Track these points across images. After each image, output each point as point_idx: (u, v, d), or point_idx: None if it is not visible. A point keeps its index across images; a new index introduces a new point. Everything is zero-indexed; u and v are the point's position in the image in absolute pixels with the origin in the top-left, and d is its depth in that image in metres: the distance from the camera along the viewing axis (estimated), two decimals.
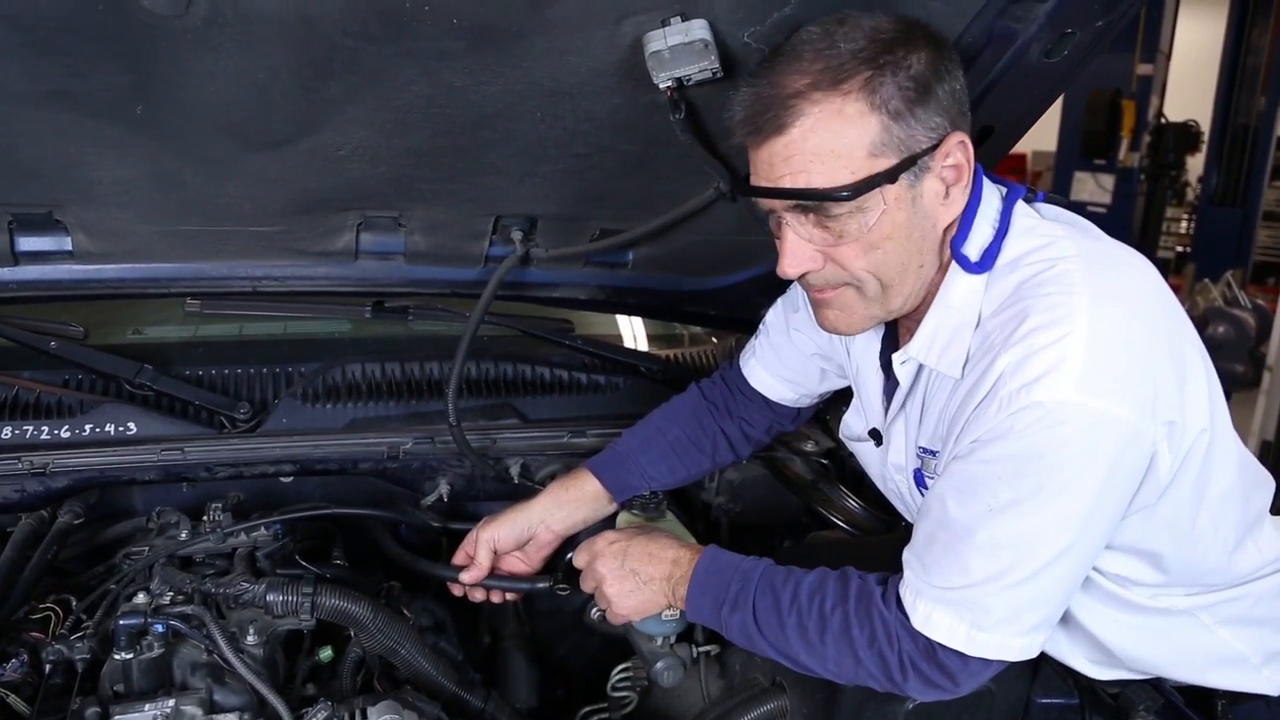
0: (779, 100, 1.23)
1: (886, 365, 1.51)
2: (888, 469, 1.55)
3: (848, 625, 1.33)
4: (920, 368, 1.41)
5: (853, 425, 1.67)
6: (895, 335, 1.50)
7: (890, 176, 1.23)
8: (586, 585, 1.58)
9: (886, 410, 1.53)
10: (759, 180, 1.29)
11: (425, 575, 1.82)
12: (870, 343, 1.56)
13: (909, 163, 1.24)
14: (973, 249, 1.31)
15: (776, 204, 1.30)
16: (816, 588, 1.38)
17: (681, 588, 1.48)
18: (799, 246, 1.31)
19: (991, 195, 1.35)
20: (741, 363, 1.85)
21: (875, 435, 1.58)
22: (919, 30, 1.25)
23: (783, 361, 1.79)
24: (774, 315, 1.80)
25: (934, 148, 1.25)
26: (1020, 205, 1.35)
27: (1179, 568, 1.39)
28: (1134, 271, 1.30)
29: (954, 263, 1.32)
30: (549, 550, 1.79)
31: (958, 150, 1.27)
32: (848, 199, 1.23)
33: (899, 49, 1.22)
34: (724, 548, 2.12)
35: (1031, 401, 1.16)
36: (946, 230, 1.32)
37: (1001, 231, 1.31)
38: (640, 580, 1.52)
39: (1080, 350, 1.16)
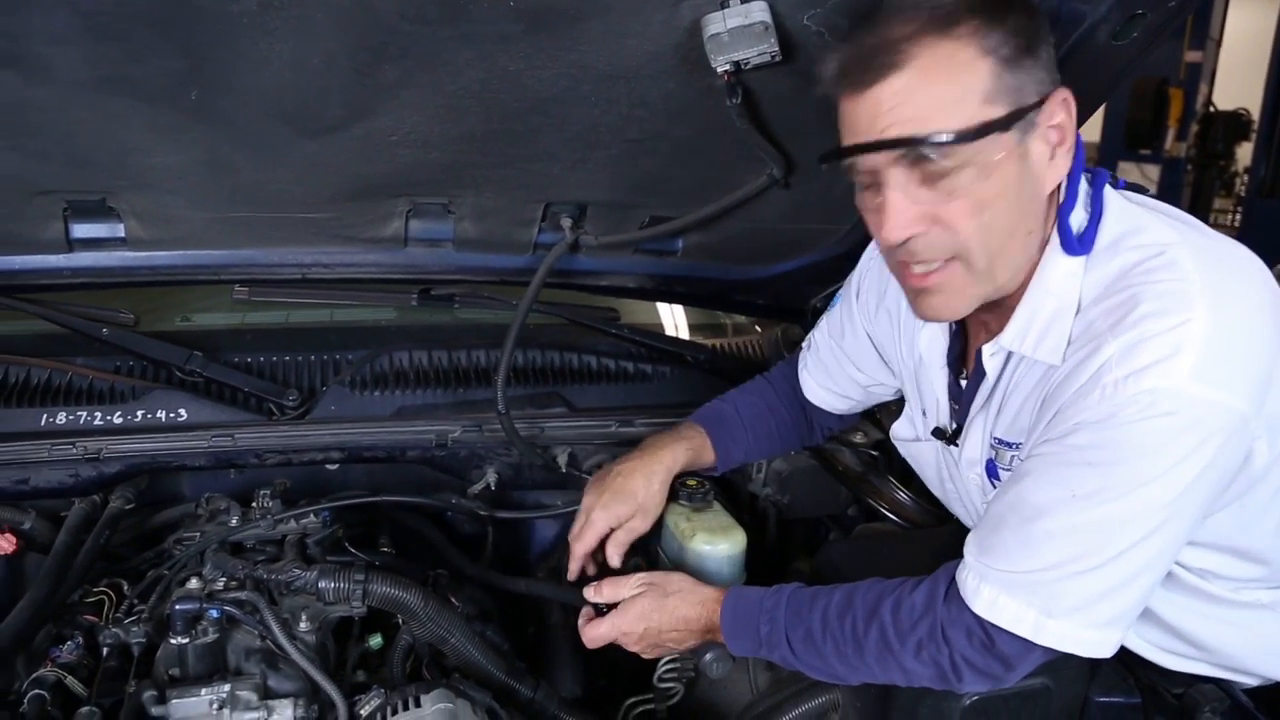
0: (887, 46, 1.16)
1: (953, 362, 1.48)
2: (960, 466, 1.50)
3: (885, 640, 1.30)
4: (1007, 359, 1.36)
5: (903, 431, 1.65)
6: (965, 335, 1.47)
7: (1004, 125, 1.17)
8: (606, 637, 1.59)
9: (960, 407, 1.48)
10: (856, 138, 1.22)
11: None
12: (935, 343, 1.51)
13: (1018, 115, 1.18)
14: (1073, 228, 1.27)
15: (879, 161, 1.21)
16: (844, 608, 1.35)
17: (713, 630, 1.48)
18: (904, 207, 1.21)
19: (1080, 178, 1.30)
20: (798, 369, 1.87)
21: (940, 434, 1.53)
22: None
23: (832, 379, 1.81)
24: (820, 336, 1.81)
25: (1040, 103, 1.19)
26: (1109, 189, 1.30)
27: (1266, 562, 1.35)
28: (1245, 260, 1.24)
29: (1050, 245, 1.27)
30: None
31: (1061, 110, 1.22)
32: (968, 141, 1.16)
33: (1002, 3, 1.18)
34: (771, 539, 2.12)
35: (1141, 389, 1.12)
36: (1051, 197, 1.27)
37: (1096, 214, 1.27)
38: (670, 646, 1.54)
39: (1199, 338, 1.12)
